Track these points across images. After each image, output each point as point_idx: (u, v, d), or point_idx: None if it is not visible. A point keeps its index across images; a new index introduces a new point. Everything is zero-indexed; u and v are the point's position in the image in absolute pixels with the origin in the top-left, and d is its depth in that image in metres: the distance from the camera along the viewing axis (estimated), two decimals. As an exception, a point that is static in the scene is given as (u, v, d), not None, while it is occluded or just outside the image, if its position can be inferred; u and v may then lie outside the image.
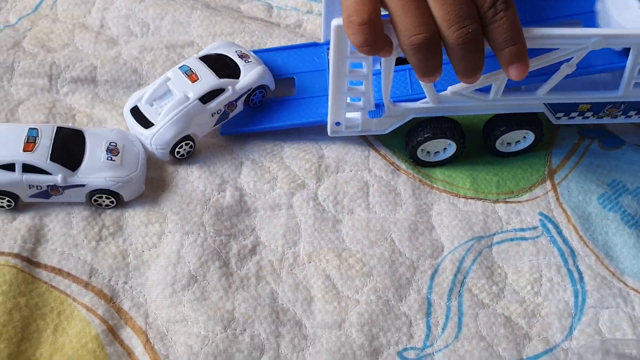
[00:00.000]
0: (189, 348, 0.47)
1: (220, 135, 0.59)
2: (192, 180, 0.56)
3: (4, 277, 0.49)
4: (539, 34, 0.48)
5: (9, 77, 0.60)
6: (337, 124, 0.57)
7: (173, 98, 0.55)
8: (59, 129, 0.53)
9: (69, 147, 0.52)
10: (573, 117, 0.58)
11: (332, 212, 0.56)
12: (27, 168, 0.50)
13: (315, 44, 0.63)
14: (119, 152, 0.53)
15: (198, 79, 0.56)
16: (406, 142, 0.59)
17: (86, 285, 0.50)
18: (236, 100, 0.57)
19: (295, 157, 0.58)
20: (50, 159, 0.51)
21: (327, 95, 0.55)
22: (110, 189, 0.52)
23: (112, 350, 0.47)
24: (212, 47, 0.60)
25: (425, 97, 0.54)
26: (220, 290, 0.50)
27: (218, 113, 0.56)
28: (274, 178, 0.57)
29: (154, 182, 0.55)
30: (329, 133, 0.58)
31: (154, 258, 0.52)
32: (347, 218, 0.55)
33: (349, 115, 0.56)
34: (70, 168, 0.51)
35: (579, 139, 0.62)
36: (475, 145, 0.60)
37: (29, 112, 0.59)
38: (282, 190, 0.56)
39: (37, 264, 0.51)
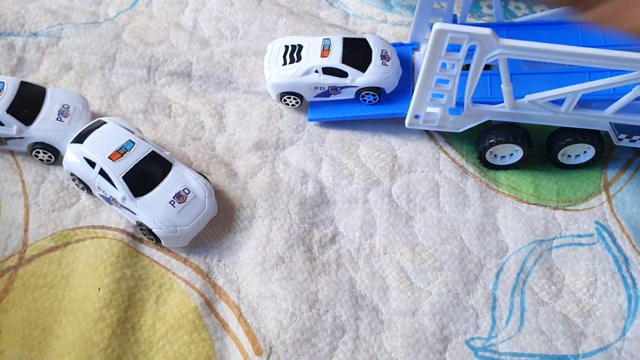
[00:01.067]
0: (278, 323, 0.52)
1: (308, 121, 0.64)
2: (278, 172, 0.61)
3: (112, 249, 0.54)
4: (617, 56, 0.52)
5: (110, 66, 0.66)
6: (417, 117, 0.61)
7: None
8: (152, 153, 0.56)
9: (147, 173, 0.55)
10: (634, 140, 0.62)
11: (405, 209, 0.60)
12: (103, 172, 0.55)
13: (401, 44, 0.68)
14: (184, 201, 0.55)
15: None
16: (477, 143, 0.63)
17: (185, 261, 0.55)
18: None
19: (370, 156, 0.63)
20: (123, 177, 0.54)
21: (408, 91, 0.59)
22: (153, 229, 0.54)
23: (209, 321, 0.52)
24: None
25: (502, 102, 0.58)
26: (305, 272, 0.55)
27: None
28: (351, 174, 0.62)
29: (243, 171, 0.60)
30: (406, 124, 0.62)
31: (245, 239, 0.57)
32: (419, 215, 0.60)
33: (429, 110, 0.60)
34: (134, 193, 0.54)
35: (634, 154, 0.66)
36: (539, 154, 0.65)
37: (129, 99, 0.64)
38: (359, 186, 0.61)
39: (141, 240, 0.56)
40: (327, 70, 0.62)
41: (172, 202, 0.54)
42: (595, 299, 0.57)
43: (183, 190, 0.55)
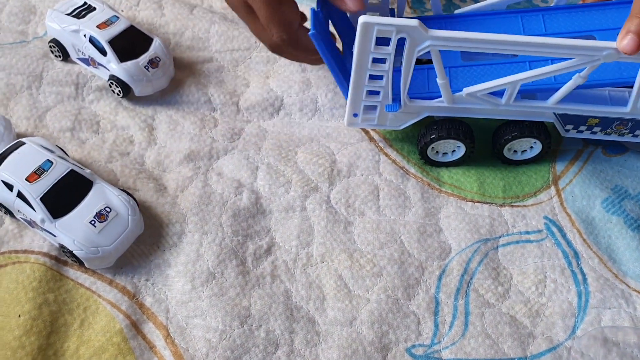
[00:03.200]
0: (207, 342, 0.50)
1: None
2: (210, 184, 0.59)
3: (34, 274, 0.52)
4: (555, 43, 0.50)
5: (38, 85, 0.63)
6: (355, 115, 0.59)
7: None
8: (71, 172, 0.53)
9: (66, 193, 0.53)
10: (581, 131, 0.60)
11: (344, 214, 0.58)
12: (21, 195, 0.52)
13: None
14: (106, 220, 0.52)
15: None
16: (418, 139, 0.61)
17: (110, 282, 0.53)
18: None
19: (308, 161, 0.61)
20: (41, 198, 0.52)
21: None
22: (73, 251, 0.51)
23: (135, 344, 0.50)
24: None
25: (440, 97, 0.56)
26: (237, 287, 0.53)
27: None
28: (288, 181, 0.59)
29: (173, 185, 0.58)
30: (345, 123, 0.60)
31: (174, 256, 0.54)
32: (359, 220, 0.58)
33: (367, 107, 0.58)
34: (53, 215, 0.52)
35: (583, 146, 0.64)
36: (484, 150, 0.62)
37: (56, 118, 0.61)
38: (296, 193, 0.59)
39: (65, 262, 0.53)
40: (93, 40, 0.62)
41: (92, 222, 0.52)
42: (544, 298, 0.55)
43: (104, 209, 0.53)
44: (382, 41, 0.51)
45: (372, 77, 0.54)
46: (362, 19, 0.49)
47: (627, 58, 0.50)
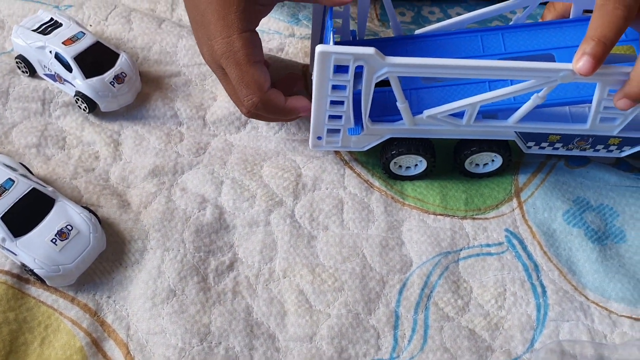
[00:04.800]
0: (166, 359, 0.50)
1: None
2: (174, 199, 0.59)
3: (-5, 292, 0.52)
4: (511, 67, 0.51)
5: (4, 101, 0.64)
6: (319, 138, 0.60)
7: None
8: (33, 190, 0.54)
9: (28, 212, 0.53)
10: (543, 147, 0.61)
11: (308, 228, 0.58)
12: None
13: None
14: (67, 238, 0.53)
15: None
16: (380, 154, 0.61)
17: (72, 300, 0.53)
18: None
19: (274, 175, 0.61)
20: (1, 217, 0.52)
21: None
22: (34, 270, 0.51)
23: (95, 361, 0.50)
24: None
25: (402, 119, 0.57)
26: (198, 304, 0.53)
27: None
28: (253, 196, 0.60)
29: (137, 201, 0.59)
30: (310, 146, 0.60)
31: (136, 273, 0.55)
32: (322, 234, 0.58)
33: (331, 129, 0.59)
34: (14, 233, 0.52)
35: (546, 158, 0.65)
36: (448, 163, 0.63)
37: (22, 134, 0.62)
38: (260, 208, 0.59)
39: (27, 280, 0.54)
40: (59, 57, 0.62)
41: (53, 240, 0.52)
42: (503, 311, 0.55)
43: (66, 227, 0.53)
44: (341, 68, 0.51)
45: (333, 102, 0.55)
46: (319, 48, 0.50)
47: (583, 79, 0.51)
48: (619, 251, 0.59)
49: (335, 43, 0.62)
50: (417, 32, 0.63)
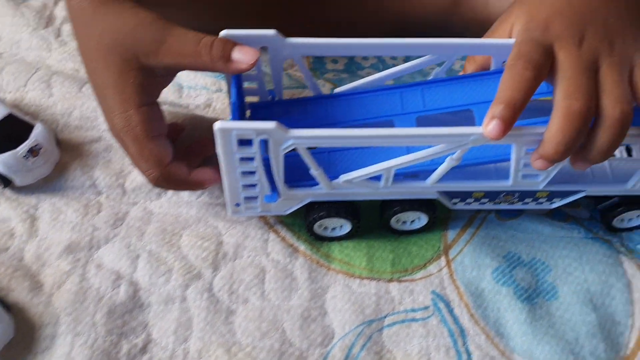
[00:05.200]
0: None
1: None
2: (88, 277, 0.57)
3: None
4: (420, 134, 0.49)
5: None
6: (237, 205, 0.58)
7: None
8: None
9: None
10: (469, 203, 0.59)
11: (227, 302, 0.57)
12: None
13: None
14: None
15: None
16: (304, 216, 0.60)
17: (-23, 394, 0.51)
18: None
19: (193, 245, 0.60)
20: None
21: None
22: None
23: None
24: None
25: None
26: (108, 393, 0.51)
27: None
28: (169, 269, 0.58)
29: (50, 282, 0.57)
30: (229, 214, 0.59)
31: (45, 362, 0.53)
32: (241, 308, 0.56)
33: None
34: None
35: (476, 211, 0.63)
36: (376, 220, 0.61)
37: None
38: (177, 282, 0.57)
39: None
40: None
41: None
42: (428, 381, 0.53)
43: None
44: (246, 141, 0.50)
45: (244, 172, 0.53)
46: (217, 124, 0.48)
47: (495, 141, 0.49)
48: (549, 309, 0.57)
49: (253, 105, 0.61)
50: (337, 90, 0.61)
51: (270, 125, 0.48)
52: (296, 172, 0.56)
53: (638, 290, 0.58)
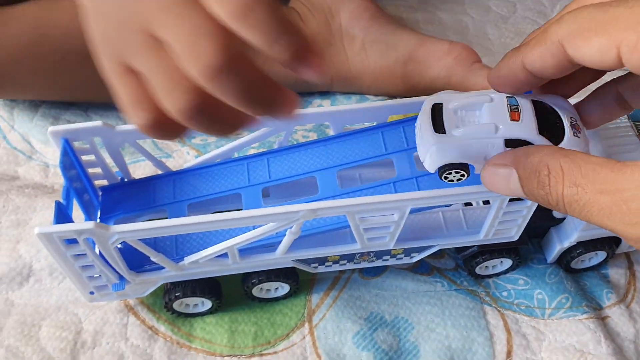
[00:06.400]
0: None
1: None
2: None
3: None
4: (250, 215, 0.49)
5: None
6: (91, 292, 0.57)
7: (480, 121, 0.46)
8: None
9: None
10: (329, 266, 0.58)
11: (84, 394, 0.56)
12: None
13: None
14: None
15: (518, 120, 0.46)
16: (163, 295, 0.59)
17: None
18: None
19: (51, 336, 0.59)
20: None
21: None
22: None
23: None
24: (554, 100, 0.48)
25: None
26: None
27: None
28: (27, 365, 0.57)
29: None
30: (87, 301, 0.58)
31: None
32: (98, 399, 0.56)
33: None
34: None
35: (339, 272, 0.62)
36: (240, 291, 0.60)
37: None
38: (34, 379, 0.56)
39: None
40: None
41: None
42: None
43: None
44: (73, 240, 0.49)
45: (84, 266, 0.52)
46: (37, 229, 0.47)
47: (324, 213, 0.49)
48: (410, 371, 0.56)
49: (104, 188, 0.60)
50: (186, 165, 0.61)
51: (88, 225, 0.47)
52: (140, 257, 0.55)
53: (500, 342, 0.58)
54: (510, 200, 0.52)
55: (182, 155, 0.71)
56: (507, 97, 0.46)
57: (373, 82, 0.72)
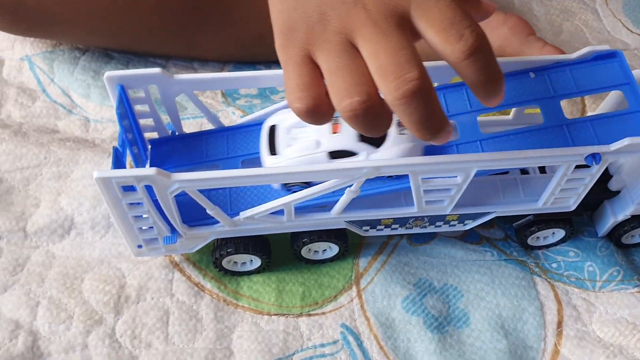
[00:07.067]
0: None
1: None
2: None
3: None
4: (312, 170, 0.48)
5: None
6: (139, 246, 0.56)
7: (308, 138, 0.51)
8: None
9: None
10: (381, 230, 0.58)
11: (129, 348, 0.55)
12: None
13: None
14: None
15: (339, 132, 0.51)
16: (212, 253, 0.58)
17: None
18: None
19: (94, 290, 0.58)
20: None
21: None
22: None
23: None
24: None
25: None
26: None
27: None
28: (70, 316, 0.56)
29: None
30: (134, 255, 0.57)
31: None
32: (144, 353, 0.55)
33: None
34: None
35: (388, 237, 0.62)
36: (288, 251, 0.59)
37: None
38: (78, 329, 0.55)
39: None
40: None
41: None
42: (336, 420, 0.52)
43: None
44: (131, 187, 0.48)
45: (137, 216, 0.51)
46: (96, 173, 0.46)
47: (390, 171, 0.48)
48: (460, 337, 0.56)
49: (153, 141, 0.59)
50: (239, 122, 0.60)
51: (150, 171, 0.46)
52: (196, 209, 0.54)
53: (551, 312, 0.57)
54: (576, 167, 0.51)
55: (227, 115, 0.70)
56: None
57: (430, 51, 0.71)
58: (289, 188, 0.53)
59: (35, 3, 0.63)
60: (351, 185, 0.50)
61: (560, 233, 0.60)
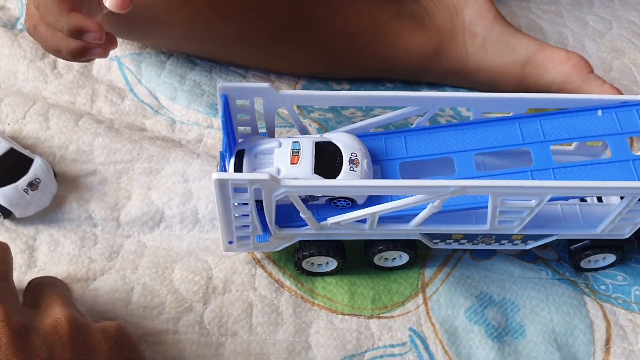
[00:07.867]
0: None
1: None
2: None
3: None
4: (403, 185, 0.54)
5: None
6: (230, 242, 0.61)
7: (270, 165, 0.58)
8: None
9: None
10: (449, 243, 0.63)
11: (216, 335, 0.60)
12: None
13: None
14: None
15: (297, 163, 0.57)
16: (293, 253, 0.63)
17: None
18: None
19: (184, 279, 0.63)
20: None
21: None
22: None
23: None
24: (339, 137, 0.60)
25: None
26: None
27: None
28: (162, 302, 0.61)
29: (48, 313, 0.60)
30: (223, 250, 0.62)
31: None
32: (230, 341, 0.60)
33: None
34: None
35: (452, 250, 0.67)
36: (359, 256, 0.65)
37: None
38: (169, 315, 0.60)
39: None
40: None
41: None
42: (404, 414, 0.57)
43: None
44: (240, 188, 0.53)
45: (239, 215, 0.57)
46: (215, 175, 0.52)
47: (474, 191, 0.54)
48: (517, 348, 0.61)
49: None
50: (326, 135, 0.65)
51: (263, 176, 0.52)
52: (286, 213, 0.60)
53: (599, 330, 0.63)
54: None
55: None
56: (292, 141, 0.58)
57: (488, 79, 0.77)
58: (334, 202, 0.59)
59: (143, 3, 0.68)
60: (434, 201, 0.55)
61: (610, 258, 0.65)
